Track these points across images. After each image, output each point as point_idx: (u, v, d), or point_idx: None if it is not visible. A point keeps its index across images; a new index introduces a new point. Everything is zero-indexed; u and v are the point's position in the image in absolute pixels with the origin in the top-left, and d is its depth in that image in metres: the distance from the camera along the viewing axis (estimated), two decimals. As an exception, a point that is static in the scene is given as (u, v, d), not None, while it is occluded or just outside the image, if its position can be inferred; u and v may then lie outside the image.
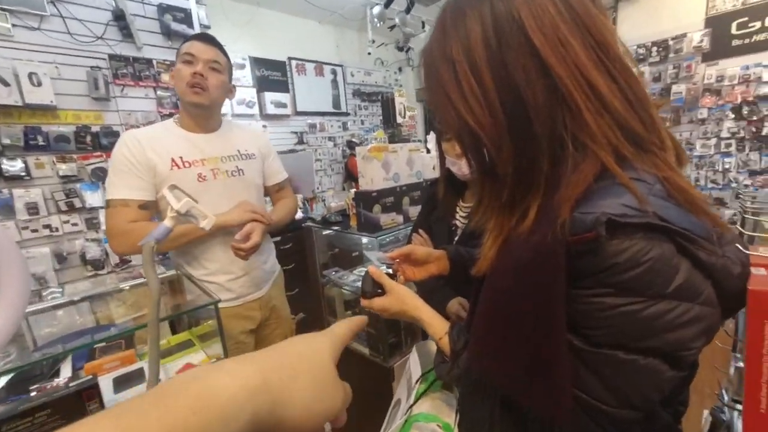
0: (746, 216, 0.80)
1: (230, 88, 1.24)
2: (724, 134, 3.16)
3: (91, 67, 2.08)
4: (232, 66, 1.26)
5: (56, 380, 0.79)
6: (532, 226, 0.43)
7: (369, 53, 3.79)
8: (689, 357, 0.38)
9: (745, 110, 3.03)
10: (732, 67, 3.06)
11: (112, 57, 2.16)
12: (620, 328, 0.37)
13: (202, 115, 1.19)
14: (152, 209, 1.13)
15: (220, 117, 1.28)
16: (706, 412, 0.87)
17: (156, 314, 0.63)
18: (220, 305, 1.05)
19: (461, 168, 0.98)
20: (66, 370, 0.89)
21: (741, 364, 0.74)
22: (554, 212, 0.39)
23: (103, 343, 0.98)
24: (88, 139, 2.07)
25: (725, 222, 0.42)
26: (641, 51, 3.42)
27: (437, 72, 0.48)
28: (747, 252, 0.42)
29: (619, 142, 0.41)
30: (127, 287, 1.33)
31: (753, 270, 0.43)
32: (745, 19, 2.97)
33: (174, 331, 1.28)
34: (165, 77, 2.33)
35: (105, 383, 0.85)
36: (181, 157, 1.13)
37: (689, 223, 0.37)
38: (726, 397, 0.76)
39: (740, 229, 0.74)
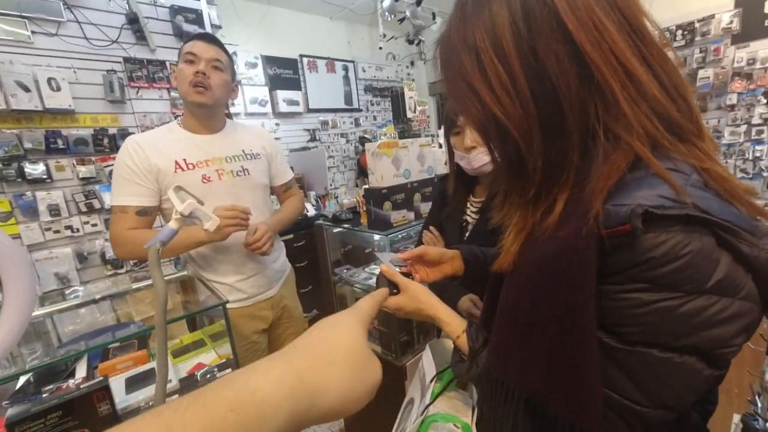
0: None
1: (233, 87, 1.23)
2: (756, 120, 2.99)
3: (107, 70, 2.12)
4: (236, 65, 1.25)
5: (70, 381, 0.81)
6: (559, 220, 0.41)
7: (380, 48, 3.75)
8: (728, 355, 0.36)
9: (779, 95, 2.86)
10: (764, 48, 2.88)
11: (127, 60, 2.20)
12: (655, 325, 0.36)
13: (206, 115, 1.18)
14: (153, 214, 1.13)
15: (224, 117, 1.27)
16: (737, 417, 0.82)
17: (163, 317, 0.63)
18: (230, 306, 1.06)
19: (470, 162, 0.95)
20: (81, 370, 0.91)
21: (777, 370, 0.69)
22: (584, 205, 0.37)
23: (117, 344, 0.99)
24: (106, 141, 2.12)
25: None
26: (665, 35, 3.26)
27: (458, 61, 0.45)
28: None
29: (657, 131, 0.39)
30: (142, 286, 1.36)
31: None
32: (780, -3, 2.79)
33: (191, 330, 1.30)
34: (176, 78, 2.37)
35: (117, 384, 0.87)
36: (184, 159, 1.13)
37: (731, 215, 0.35)
38: (759, 404, 0.71)
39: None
